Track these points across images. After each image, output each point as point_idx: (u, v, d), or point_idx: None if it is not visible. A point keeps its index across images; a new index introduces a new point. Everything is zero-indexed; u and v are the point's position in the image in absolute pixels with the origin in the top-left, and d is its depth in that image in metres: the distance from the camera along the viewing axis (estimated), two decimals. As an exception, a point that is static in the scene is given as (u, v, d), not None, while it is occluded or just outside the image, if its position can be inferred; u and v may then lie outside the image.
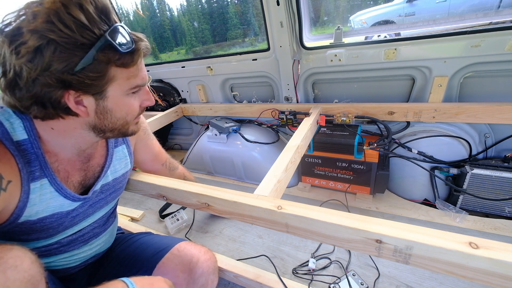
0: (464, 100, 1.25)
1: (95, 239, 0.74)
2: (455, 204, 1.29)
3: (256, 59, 1.57)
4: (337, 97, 1.53)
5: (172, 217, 1.47)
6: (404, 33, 1.48)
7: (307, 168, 1.56)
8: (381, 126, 1.39)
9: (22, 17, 0.44)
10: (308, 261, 1.12)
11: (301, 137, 1.10)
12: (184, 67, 1.88)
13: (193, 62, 1.82)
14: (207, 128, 1.90)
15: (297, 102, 1.59)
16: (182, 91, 2.04)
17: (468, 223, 1.22)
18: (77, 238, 0.69)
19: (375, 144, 1.28)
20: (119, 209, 1.61)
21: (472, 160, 1.26)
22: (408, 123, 1.35)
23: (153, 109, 2.08)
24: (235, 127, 1.72)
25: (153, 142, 0.95)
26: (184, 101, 2.07)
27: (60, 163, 0.60)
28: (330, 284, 1.03)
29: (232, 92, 1.86)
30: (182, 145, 2.40)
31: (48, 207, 0.57)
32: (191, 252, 0.81)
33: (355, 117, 1.38)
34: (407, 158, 1.32)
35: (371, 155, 1.32)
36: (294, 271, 1.11)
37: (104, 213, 0.75)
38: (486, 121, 1.17)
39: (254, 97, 1.79)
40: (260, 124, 1.75)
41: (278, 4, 1.26)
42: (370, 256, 1.11)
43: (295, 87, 1.53)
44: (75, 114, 0.52)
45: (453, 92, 1.24)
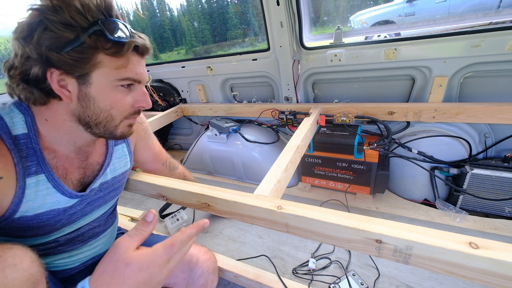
0: (464, 100, 1.25)
1: (95, 239, 0.74)
2: (455, 204, 1.29)
3: (256, 59, 1.57)
4: (337, 97, 1.53)
5: (172, 217, 1.47)
6: (404, 33, 1.48)
7: (307, 168, 1.56)
8: (381, 126, 1.39)
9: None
10: (308, 261, 1.12)
11: (301, 137, 1.10)
12: (184, 67, 1.88)
13: (193, 62, 1.82)
14: (207, 128, 1.90)
15: (297, 102, 1.59)
16: (182, 91, 2.04)
17: (468, 223, 1.22)
18: (76, 238, 0.68)
19: (375, 144, 1.28)
20: (119, 209, 1.61)
21: (472, 160, 1.26)
22: (408, 123, 1.35)
23: (153, 109, 2.09)
24: (235, 127, 1.72)
25: (154, 142, 0.95)
26: (184, 101, 2.08)
27: (59, 160, 0.60)
28: (330, 284, 1.03)
29: (232, 92, 1.86)
30: (182, 145, 2.40)
31: (45, 203, 0.57)
32: (191, 252, 0.81)
33: (355, 117, 1.38)
34: (407, 158, 1.32)
35: (371, 155, 1.32)
36: (294, 271, 1.11)
37: (103, 212, 0.75)
38: (486, 121, 1.17)
39: (254, 97, 1.79)
40: (260, 124, 1.75)
41: (278, 4, 1.26)
42: (370, 256, 1.11)
43: (295, 87, 1.53)
44: (59, 97, 0.53)
45: (453, 92, 1.25)
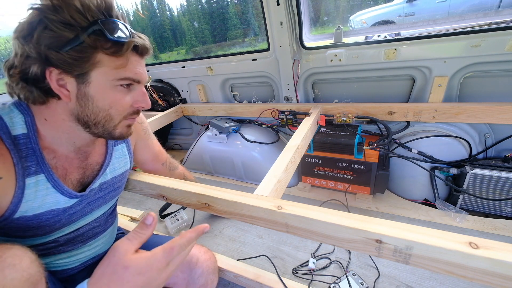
0: (464, 100, 1.25)
1: (94, 240, 0.74)
2: (455, 204, 1.29)
3: (256, 59, 1.57)
4: (337, 97, 1.53)
5: (172, 217, 1.47)
6: (404, 33, 1.48)
7: (307, 168, 1.56)
8: (381, 126, 1.39)
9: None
10: (308, 261, 1.12)
11: (301, 137, 1.10)
12: (184, 67, 1.88)
13: (193, 62, 1.82)
14: (207, 128, 1.90)
15: (297, 102, 1.59)
16: (182, 91, 2.04)
17: (468, 223, 1.22)
18: (75, 238, 0.68)
19: (375, 144, 1.28)
20: (119, 209, 1.61)
21: (472, 160, 1.26)
22: (408, 123, 1.35)
23: (153, 109, 2.09)
24: (235, 127, 1.72)
25: (154, 142, 0.95)
26: (184, 101, 2.08)
27: (58, 160, 0.60)
28: (330, 284, 1.03)
29: (232, 92, 1.86)
30: (182, 145, 2.40)
31: (45, 204, 0.57)
32: (191, 252, 0.81)
33: (355, 117, 1.38)
34: (407, 158, 1.32)
35: (371, 155, 1.32)
36: (294, 271, 1.11)
37: (103, 213, 0.75)
38: (486, 121, 1.17)
39: (254, 97, 1.79)
40: (260, 124, 1.75)
41: (278, 4, 1.26)
42: (370, 256, 1.11)
43: (295, 87, 1.53)
44: (58, 97, 0.53)
45: (453, 92, 1.25)
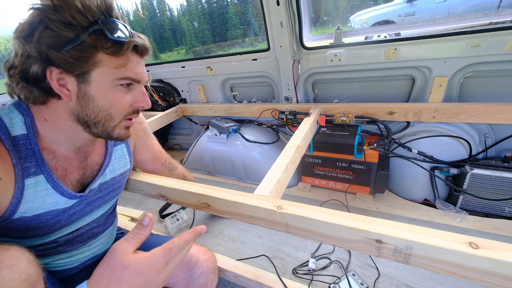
0: (464, 100, 1.25)
1: (94, 240, 0.74)
2: (455, 204, 1.29)
3: (256, 59, 1.57)
4: (337, 97, 1.53)
5: (172, 217, 1.47)
6: (404, 33, 1.48)
7: (307, 168, 1.56)
8: (381, 126, 1.39)
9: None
10: (308, 261, 1.12)
11: (301, 137, 1.10)
12: (184, 67, 1.88)
13: (193, 62, 1.82)
14: (207, 128, 1.90)
15: (297, 102, 1.59)
16: (182, 91, 2.04)
17: (468, 223, 1.22)
18: (75, 238, 0.68)
19: (375, 144, 1.28)
20: (119, 209, 1.61)
21: (472, 160, 1.26)
22: (408, 123, 1.35)
23: (153, 109, 2.08)
24: (235, 127, 1.72)
25: (153, 142, 0.95)
26: (184, 101, 2.08)
27: (58, 160, 0.60)
28: (330, 284, 1.03)
29: (232, 92, 1.86)
30: (182, 145, 2.40)
31: (44, 204, 0.57)
32: (191, 252, 0.81)
33: (355, 117, 1.38)
34: (407, 158, 1.32)
35: (371, 155, 1.32)
36: (294, 271, 1.11)
37: (103, 213, 0.75)
38: (486, 121, 1.17)
39: (254, 97, 1.79)
40: (260, 124, 1.75)
41: (278, 4, 1.26)
42: (370, 256, 1.11)
43: (295, 87, 1.53)
44: (58, 96, 0.53)
45: (453, 92, 1.24)
